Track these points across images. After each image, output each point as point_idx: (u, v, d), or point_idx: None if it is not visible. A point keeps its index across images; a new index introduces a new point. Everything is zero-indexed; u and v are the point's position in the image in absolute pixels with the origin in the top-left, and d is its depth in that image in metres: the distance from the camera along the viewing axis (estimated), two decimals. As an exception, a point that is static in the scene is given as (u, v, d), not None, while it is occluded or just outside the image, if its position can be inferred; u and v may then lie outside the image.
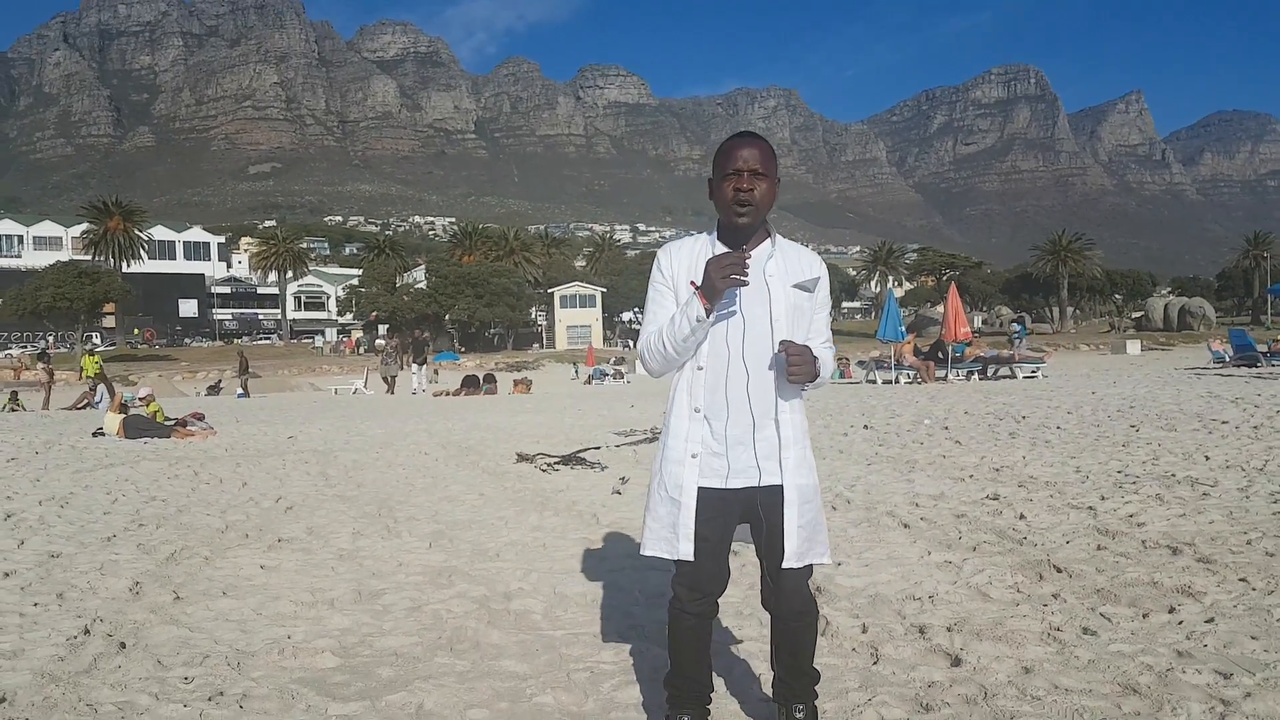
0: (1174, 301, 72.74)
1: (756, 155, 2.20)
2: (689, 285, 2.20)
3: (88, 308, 58.23)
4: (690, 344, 2.20)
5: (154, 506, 6.31)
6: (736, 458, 2.24)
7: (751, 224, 2.23)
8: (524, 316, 74.67)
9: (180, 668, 3.08)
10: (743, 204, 2.20)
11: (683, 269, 2.27)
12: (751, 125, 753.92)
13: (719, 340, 2.23)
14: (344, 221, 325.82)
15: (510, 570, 4.41)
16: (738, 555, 3.82)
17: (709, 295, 2.13)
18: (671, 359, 2.24)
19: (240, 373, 30.85)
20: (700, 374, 2.24)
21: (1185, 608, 3.48)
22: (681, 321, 2.17)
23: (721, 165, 2.23)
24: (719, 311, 2.18)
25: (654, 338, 2.25)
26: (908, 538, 4.86)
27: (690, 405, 2.26)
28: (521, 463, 8.35)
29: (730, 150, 2.22)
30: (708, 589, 2.30)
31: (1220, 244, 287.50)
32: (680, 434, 2.27)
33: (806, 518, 2.27)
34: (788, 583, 2.29)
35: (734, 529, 2.32)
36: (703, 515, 2.25)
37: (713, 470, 2.25)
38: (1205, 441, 7.84)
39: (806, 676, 2.39)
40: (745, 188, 2.18)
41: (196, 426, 11.63)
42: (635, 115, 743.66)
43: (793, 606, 2.31)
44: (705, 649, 2.36)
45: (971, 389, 16.82)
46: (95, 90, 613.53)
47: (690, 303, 2.15)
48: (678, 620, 2.33)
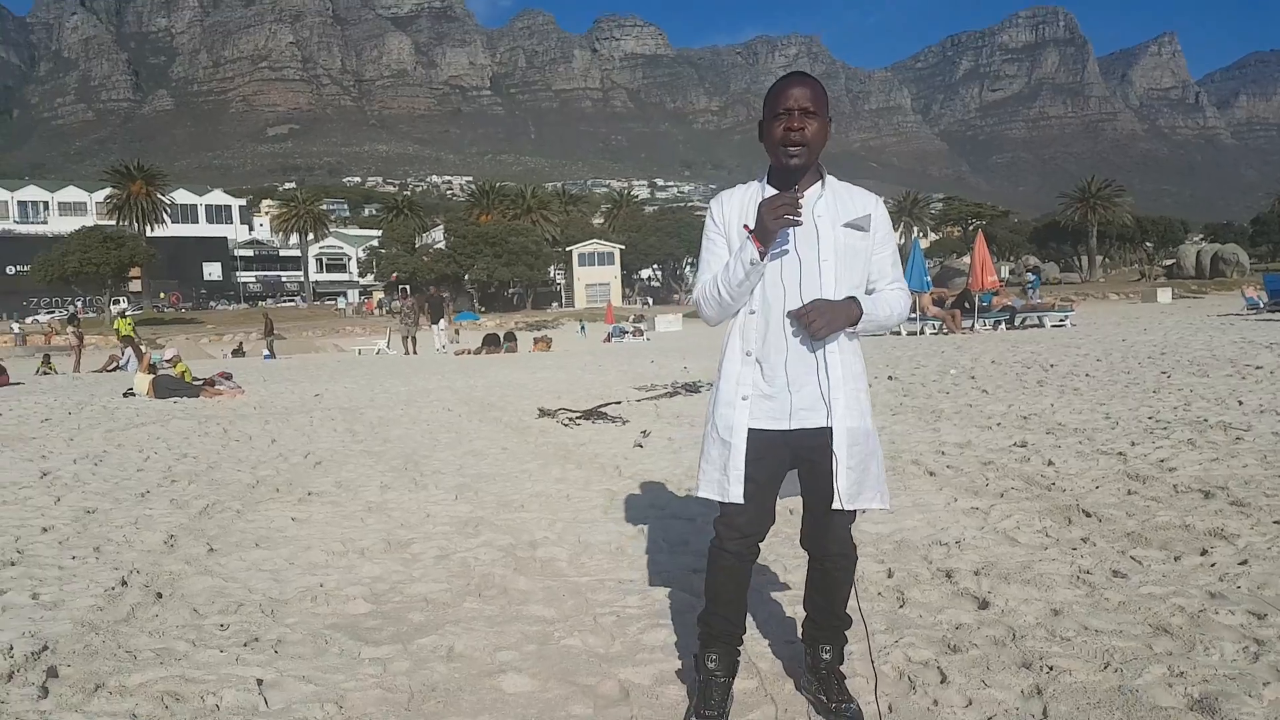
0: (1206, 248, 71.16)
1: (807, 94, 2.18)
2: (742, 229, 2.20)
3: (114, 272, 58.86)
4: (745, 288, 2.21)
5: (185, 463, 6.41)
6: (787, 400, 2.24)
7: (803, 164, 2.20)
8: (542, 275, 74.55)
9: (216, 615, 3.14)
10: (794, 144, 2.17)
11: (735, 215, 2.27)
12: (771, 75, 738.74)
13: (772, 283, 2.22)
14: (362, 182, 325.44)
15: (535, 520, 4.45)
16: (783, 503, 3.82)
17: (762, 238, 2.13)
18: (727, 305, 2.25)
19: (266, 335, 31.20)
20: (753, 318, 2.25)
21: (1218, 550, 3.44)
22: (736, 266, 2.18)
23: (772, 105, 2.21)
24: (773, 253, 2.18)
25: (709, 285, 2.26)
26: (934, 485, 4.83)
27: (743, 349, 2.27)
28: (543, 418, 8.39)
29: (781, 90, 2.20)
30: (749, 530, 2.30)
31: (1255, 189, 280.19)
32: (732, 377, 2.28)
33: (856, 459, 2.25)
34: (833, 525, 2.29)
35: (783, 473, 2.32)
36: (752, 456, 2.25)
37: (763, 412, 2.26)
38: (1239, 387, 7.70)
39: (838, 619, 2.39)
40: (796, 126, 2.16)
41: (224, 386, 11.78)
42: (653, 67, 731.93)
43: (831, 549, 2.31)
44: (742, 590, 2.36)
45: (999, 338, 16.62)
46: (113, 54, 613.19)
47: (745, 246, 2.16)
48: (717, 559, 2.33)
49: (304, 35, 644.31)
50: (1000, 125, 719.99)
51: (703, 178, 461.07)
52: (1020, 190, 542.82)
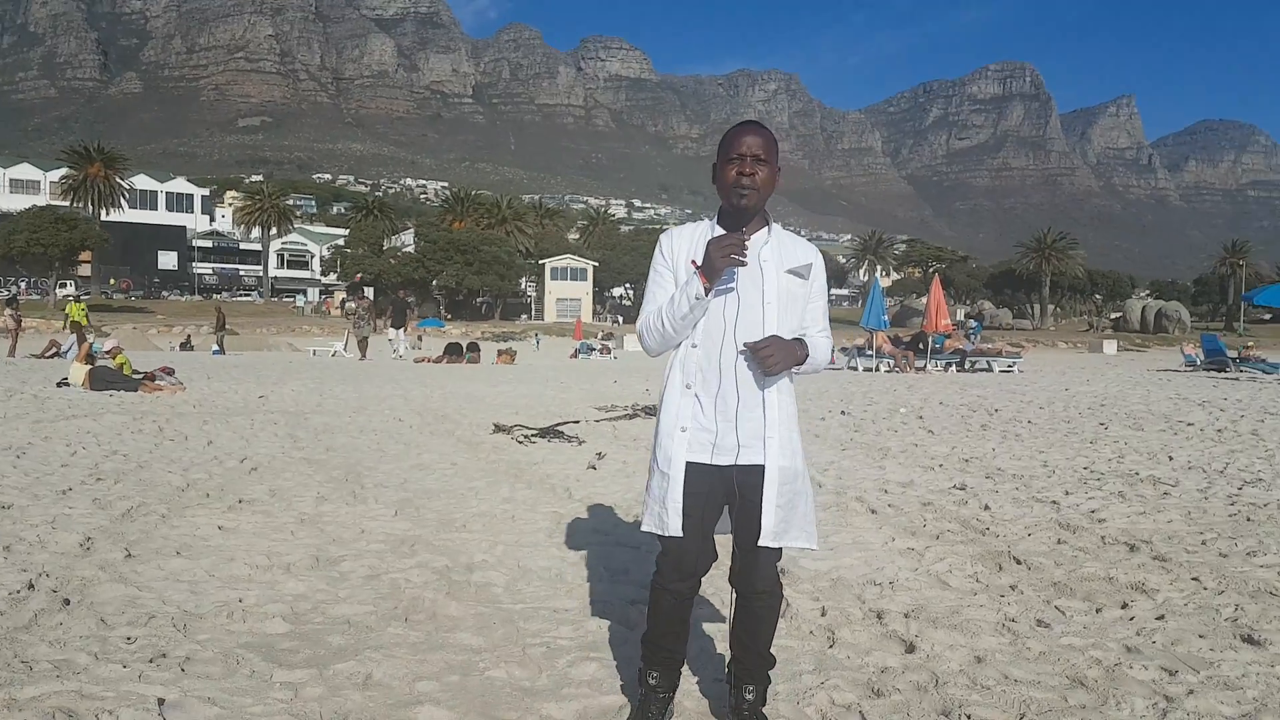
0: (1151, 304, 73.54)
1: (759, 142, 2.29)
2: (689, 264, 2.29)
3: (63, 255, 57.28)
4: (688, 322, 2.28)
5: (114, 461, 6.22)
6: (724, 434, 2.30)
7: (751, 207, 2.31)
8: (513, 286, 74.22)
9: (124, 627, 3.03)
10: (744, 187, 2.28)
11: (683, 252, 2.36)
12: (751, 108, 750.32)
13: (714, 318, 2.30)
14: (333, 180, 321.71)
15: (475, 541, 4.38)
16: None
17: (708, 274, 2.22)
18: (669, 337, 2.32)
19: (217, 329, 30.50)
20: (694, 351, 2.32)
21: (1138, 604, 3.52)
22: (681, 300, 2.26)
23: (725, 150, 2.32)
24: (717, 290, 2.26)
25: (653, 316, 2.34)
26: (874, 523, 4.88)
27: (682, 381, 2.33)
28: (498, 433, 8.30)
29: (734, 136, 2.32)
30: (691, 568, 2.34)
31: (1199, 250, 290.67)
32: (672, 409, 2.34)
33: (785, 498, 2.31)
34: (759, 562, 2.33)
35: (719, 509, 2.36)
36: (690, 489, 2.30)
37: (700, 446, 2.31)
38: (1170, 442, 7.93)
39: (762, 659, 2.42)
40: (748, 172, 2.28)
41: (165, 381, 11.48)
42: (636, 90, 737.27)
43: (756, 586, 2.35)
44: (684, 624, 2.41)
45: (949, 380, 16.93)
46: (83, 32, 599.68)
47: (690, 281, 2.24)
48: (658, 597, 2.38)
49: (284, 29, 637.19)
50: (965, 172, 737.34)
51: (680, 202, 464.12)
52: (980, 237, 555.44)
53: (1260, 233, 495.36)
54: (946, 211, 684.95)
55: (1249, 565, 4.01)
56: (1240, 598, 3.56)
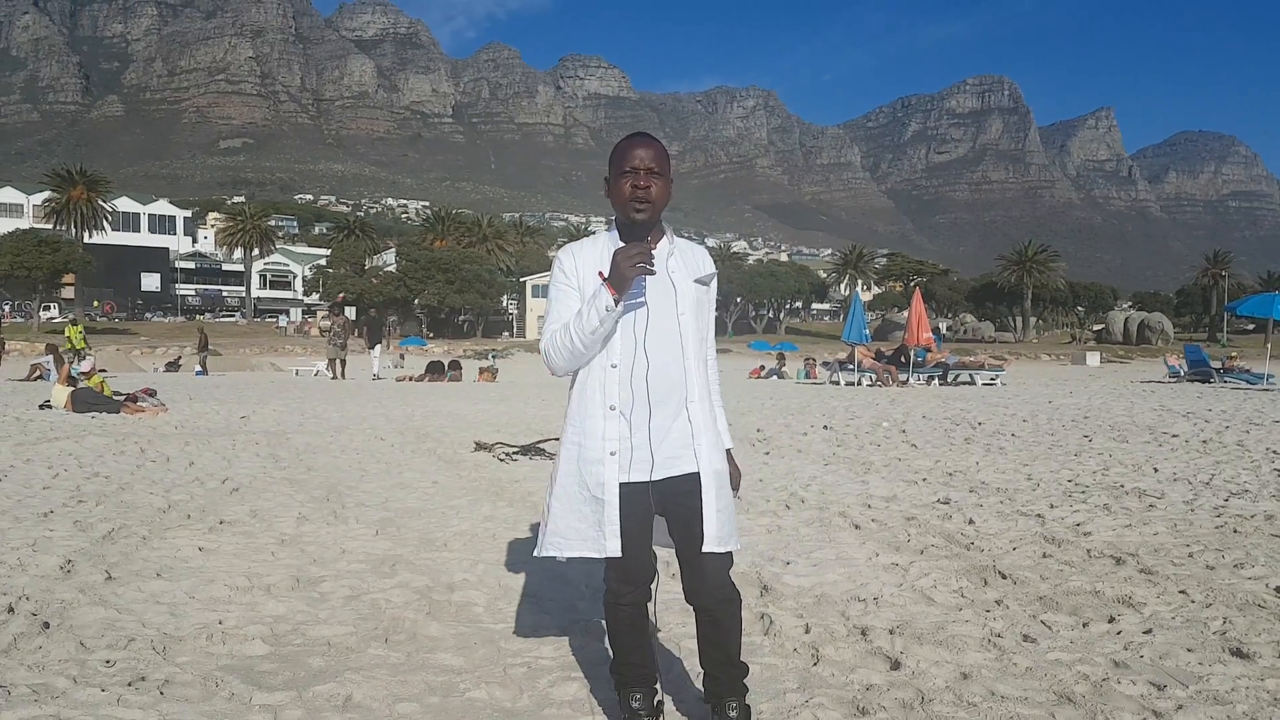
0: (1134, 316, 74.29)
1: (652, 155, 2.26)
2: (597, 276, 2.23)
3: (46, 278, 56.88)
4: (598, 336, 2.22)
5: (95, 483, 6.14)
6: (652, 449, 2.26)
7: (648, 220, 2.28)
8: (495, 304, 74.21)
9: (103, 650, 2.98)
10: (640, 200, 2.25)
11: (587, 266, 2.30)
12: (730, 124, 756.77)
13: (627, 333, 2.25)
14: (315, 200, 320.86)
15: (456, 561, 4.34)
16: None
17: (617, 285, 2.16)
18: (579, 353, 2.25)
19: (200, 349, 30.28)
20: (614, 371, 2.26)
21: (1125, 618, 3.51)
22: (590, 313, 2.19)
23: (618, 164, 2.28)
24: (626, 301, 2.20)
25: (560, 334, 2.25)
26: (858, 539, 4.87)
27: (605, 403, 2.26)
28: (479, 451, 8.26)
29: (626, 149, 2.28)
30: (639, 579, 2.35)
31: (1181, 261, 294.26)
32: (596, 434, 2.27)
33: (725, 501, 2.29)
34: (709, 570, 2.29)
35: (652, 519, 2.35)
36: (625, 510, 2.27)
37: (630, 464, 2.27)
38: (1155, 454, 7.98)
39: (735, 668, 2.38)
40: (642, 184, 2.24)
41: (147, 403, 11.37)
42: (615, 108, 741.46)
43: (715, 595, 2.31)
44: (644, 634, 2.41)
45: (931, 394, 17.00)
46: (64, 56, 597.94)
47: (599, 293, 2.17)
48: (614, 611, 2.37)
49: (264, 51, 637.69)
50: (944, 186, 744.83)
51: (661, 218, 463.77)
52: (961, 250, 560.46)
53: (1242, 243, 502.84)
54: (927, 225, 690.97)
55: (1236, 577, 4.01)
56: (1228, 610, 3.56)
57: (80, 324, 26.25)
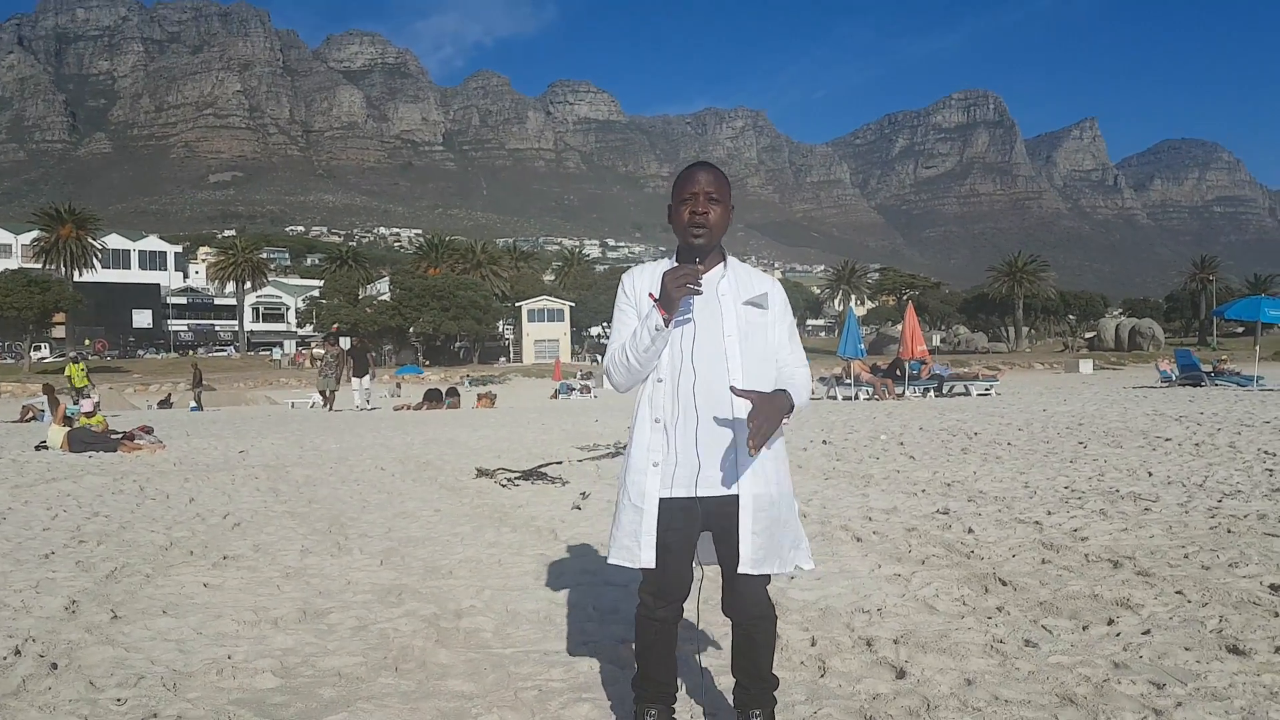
0: (1125, 322, 74.65)
1: (711, 180, 2.36)
2: (648, 297, 2.34)
3: (37, 317, 56.74)
4: (651, 354, 2.32)
5: (96, 522, 6.14)
6: (696, 466, 2.32)
7: (706, 244, 2.36)
8: (491, 330, 74.23)
9: (114, 689, 2.99)
10: (698, 225, 2.34)
11: (644, 289, 2.41)
12: (720, 145, 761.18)
13: (675, 350, 2.35)
14: (306, 232, 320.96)
15: (463, 588, 4.36)
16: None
17: (666, 305, 2.26)
18: (635, 370, 2.36)
19: (194, 385, 30.19)
20: (661, 385, 2.36)
21: (1123, 620, 3.56)
22: (642, 332, 2.31)
23: (679, 191, 2.38)
24: (677, 320, 2.31)
25: (618, 352, 2.38)
26: (860, 551, 4.91)
27: (651, 416, 2.36)
28: (481, 478, 8.27)
29: (688, 177, 2.39)
30: (672, 595, 2.40)
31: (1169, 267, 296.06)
32: (643, 444, 2.37)
33: (761, 525, 2.33)
34: (744, 588, 2.37)
35: (696, 536, 2.39)
36: (664, 523, 2.34)
37: (673, 479, 2.34)
38: (1149, 458, 8.04)
39: (764, 682, 2.45)
40: (701, 210, 2.34)
41: (144, 440, 11.35)
42: (605, 131, 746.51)
43: (749, 612, 2.40)
44: (670, 652, 2.46)
45: (927, 405, 17.07)
46: (50, 95, 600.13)
47: (650, 314, 2.29)
48: (644, 625, 2.44)
49: (252, 84, 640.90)
50: (933, 200, 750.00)
51: (653, 239, 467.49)
52: (951, 263, 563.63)
53: (1228, 247, 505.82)
54: (917, 239, 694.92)
55: (1231, 577, 4.05)
56: (1224, 609, 3.60)
57: (81, 362, 26.08)
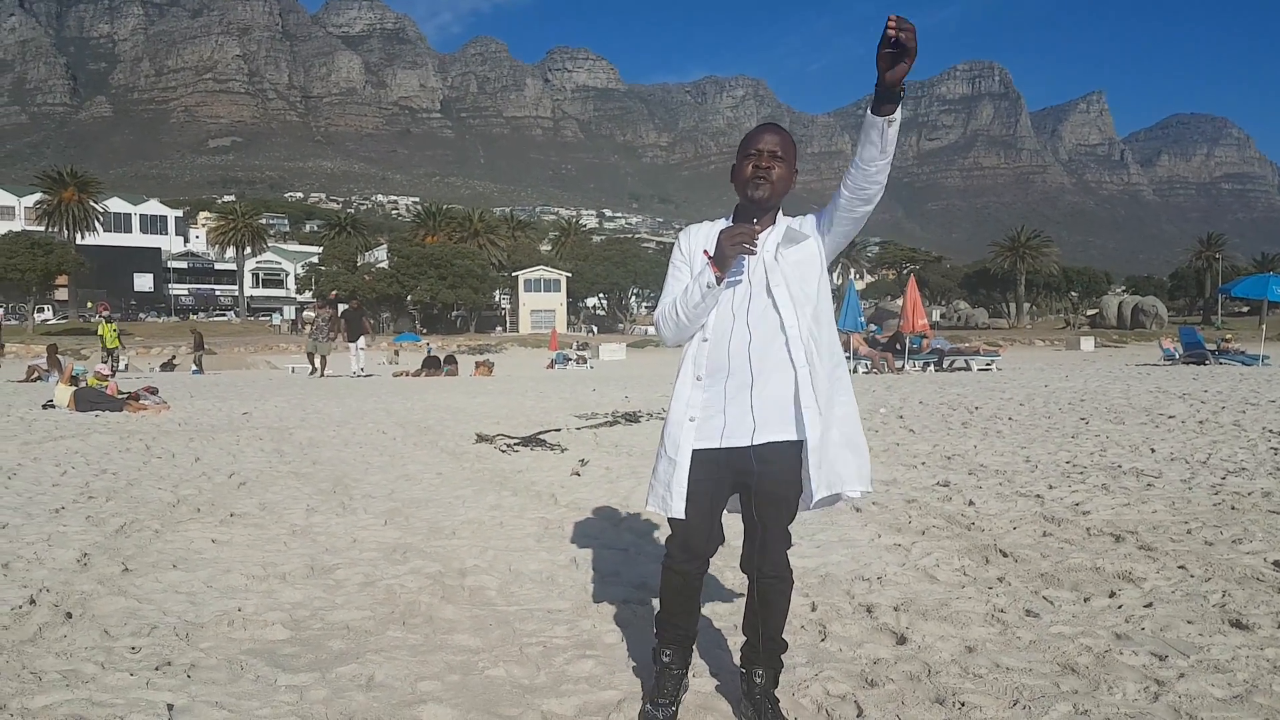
0: (1128, 300, 74.47)
1: (777, 140, 2.40)
2: (702, 254, 2.36)
3: (40, 280, 56.71)
4: (701, 310, 2.35)
5: (104, 479, 6.18)
6: (736, 420, 2.35)
7: (766, 199, 2.38)
8: (488, 299, 74.08)
9: (128, 638, 3.04)
10: (760, 179, 2.37)
11: (699, 246, 2.43)
12: (720, 114, 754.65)
13: (724, 307, 2.37)
14: (305, 198, 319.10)
15: (466, 547, 4.41)
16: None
17: (720, 263, 2.29)
18: (684, 326, 2.40)
19: (195, 349, 30.19)
20: (705, 345, 2.39)
21: (1125, 592, 3.58)
22: (694, 289, 2.34)
23: (745, 148, 2.43)
24: (729, 279, 2.34)
25: (668, 307, 2.42)
26: (859, 521, 4.94)
27: (694, 374, 2.41)
28: (481, 443, 8.32)
29: (754, 135, 2.44)
30: (698, 550, 2.45)
31: (1174, 244, 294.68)
32: (683, 399, 2.41)
33: (821, 460, 2.34)
34: (766, 546, 2.41)
35: (726, 493, 2.44)
36: (696, 475, 2.37)
37: (709, 431, 2.38)
38: (1152, 435, 8.06)
39: (773, 642, 2.50)
40: (764, 165, 2.37)
41: (149, 401, 11.39)
42: (604, 100, 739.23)
43: (769, 571, 2.44)
44: (693, 601, 2.53)
45: (927, 380, 17.09)
46: (51, 58, 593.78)
47: (703, 271, 2.33)
48: (668, 575, 2.50)
49: (251, 49, 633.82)
50: (936, 173, 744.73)
51: (650, 210, 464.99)
52: (953, 237, 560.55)
53: (1235, 225, 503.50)
54: (919, 212, 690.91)
55: (1235, 553, 4.07)
56: (1227, 584, 3.62)
57: (114, 323, 25.04)
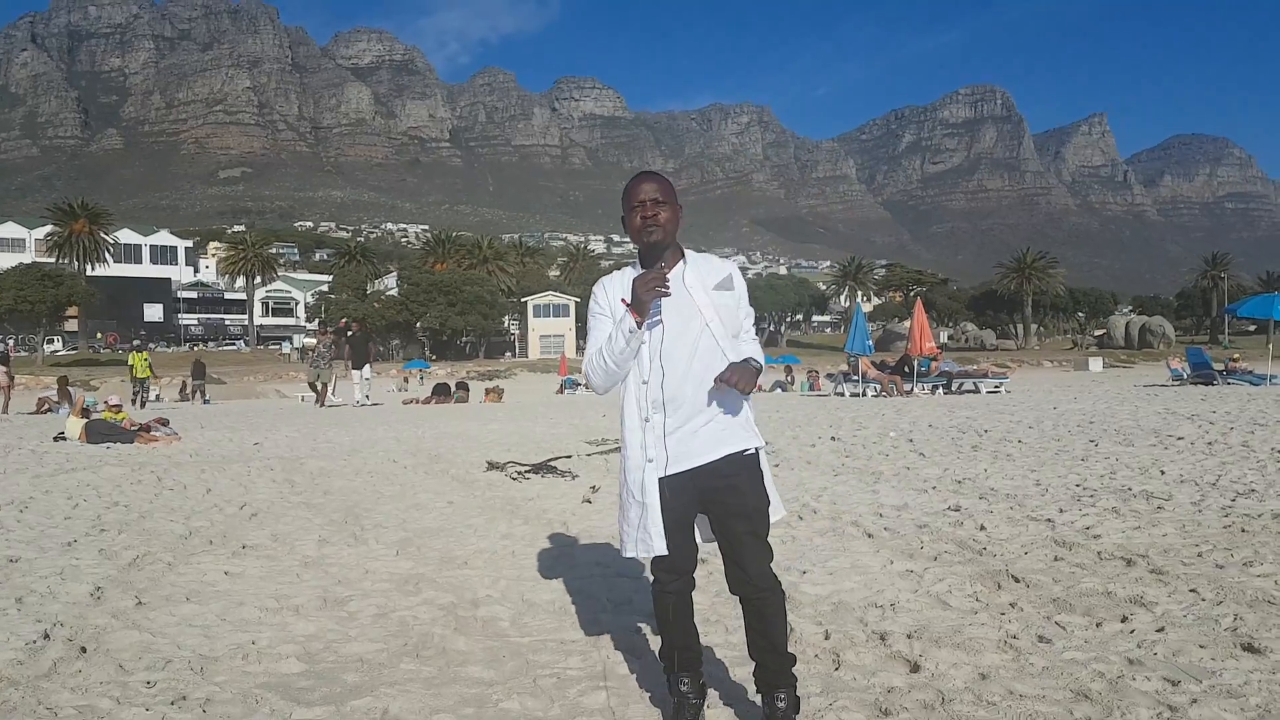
0: (1135, 320, 74.34)
1: (655, 187, 2.55)
2: (620, 303, 2.50)
3: (50, 311, 57.18)
4: (627, 355, 2.49)
5: (116, 512, 6.22)
6: (686, 446, 2.50)
7: (661, 241, 2.54)
8: (497, 325, 74.44)
9: (142, 672, 3.06)
10: (650, 227, 2.52)
11: (616, 295, 2.58)
12: (725, 140, 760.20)
13: (654, 348, 2.51)
14: (315, 227, 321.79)
15: (478, 578, 4.42)
16: (705, 563, 3.88)
17: (638, 309, 2.44)
18: (612, 372, 2.54)
19: (194, 377, 29.69)
20: (645, 388, 2.52)
21: (1137, 617, 3.57)
22: (617, 336, 2.48)
23: (628, 200, 2.57)
24: (649, 323, 2.48)
25: (595, 356, 2.55)
26: (871, 547, 4.93)
27: (640, 416, 2.53)
28: (491, 471, 8.33)
29: (633, 187, 2.58)
30: (681, 568, 2.57)
31: (1179, 264, 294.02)
32: (636, 443, 2.54)
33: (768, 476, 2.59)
34: (749, 562, 2.51)
35: (695, 511, 2.57)
36: (667, 504, 2.51)
37: (664, 461, 2.51)
38: (1161, 457, 8.03)
39: (782, 657, 2.55)
40: (650, 214, 2.52)
41: (160, 432, 11.45)
42: (610, 127, 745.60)
43: (757, 585, 2.52)
44: (689, 620, 2.64)
45: (936, 402, 17.06)
46: (63, 91, 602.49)
47: (624, 318, 2.46)
48: (661, 599, 2.60)
49: (261, 81, 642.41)
50: (940, 196, 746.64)
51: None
52: (959, 259, 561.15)
53: (1239, 244, 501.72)
54: (924, 235, 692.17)
55: (1246, 575, 4.04)
56: (1239, 607, 3.60)
57: (145, 352, 24.43)
